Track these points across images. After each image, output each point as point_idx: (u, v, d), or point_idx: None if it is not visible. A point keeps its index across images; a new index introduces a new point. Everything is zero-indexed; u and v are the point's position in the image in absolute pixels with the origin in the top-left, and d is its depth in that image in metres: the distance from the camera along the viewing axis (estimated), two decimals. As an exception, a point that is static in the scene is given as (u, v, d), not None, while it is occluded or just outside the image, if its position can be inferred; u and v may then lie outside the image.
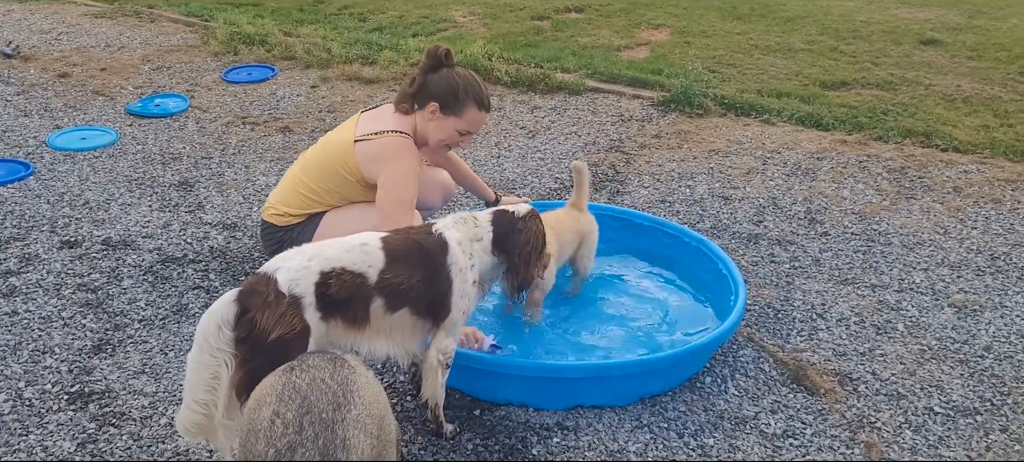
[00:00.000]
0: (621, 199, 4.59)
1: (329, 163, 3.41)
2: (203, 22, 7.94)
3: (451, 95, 3.35)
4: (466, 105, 3.36)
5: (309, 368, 1.86)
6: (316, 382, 1.81)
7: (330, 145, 3.48)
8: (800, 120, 5.67)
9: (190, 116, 5.77)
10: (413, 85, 3.45)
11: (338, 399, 1.78)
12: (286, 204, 3.46)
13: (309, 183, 3.44)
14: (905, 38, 7.38)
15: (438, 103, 3.35)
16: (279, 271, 2.43)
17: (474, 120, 3.42)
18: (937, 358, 3.31)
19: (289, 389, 1.79)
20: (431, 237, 2.71)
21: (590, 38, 7.48)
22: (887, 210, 4.47)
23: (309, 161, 3.52)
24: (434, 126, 3.40)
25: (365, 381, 1.88)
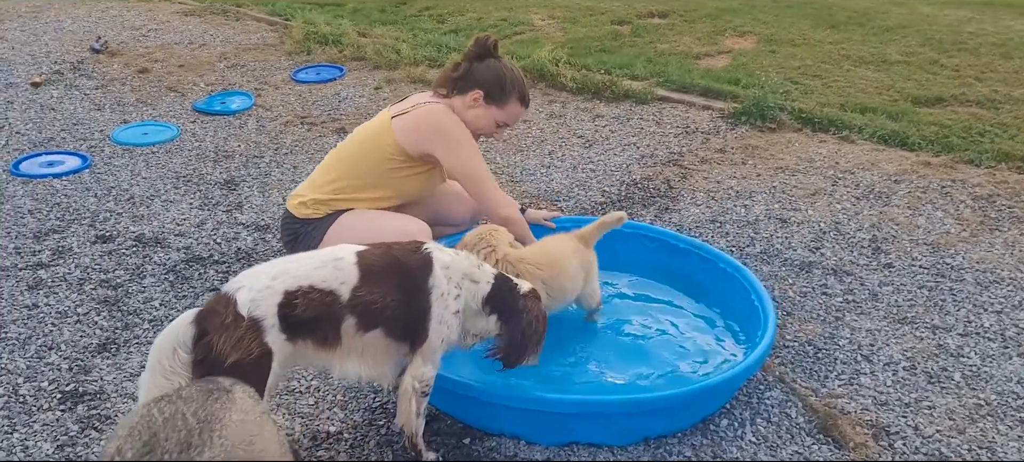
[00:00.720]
0: (669, 217, 4.31)
1: (365, 146, 3.36)
2: (284, 21, 8.05)
3: (498, 85, 3.35)
4: (511, 97, 3.38)
5: (177, 400, 1.71)
6: (174, 417, 1.66)
7: (364, 131, 3.44)
8: (883, 138, 5.23)
9: (252, 114, 5.81)
10: (458, 70, 3.41)
11: (190, 439, 1.63)
12: (313, 194, 3.38)
13: (340, 172, 3.37)
14: (1018, 51, 6.74)
15: (483, 91, 3.34)
16: (240, 291, 2.31)
17: (514, 113, 3.44)
18: (994, 415, 2.91)
19: (143, 424, 1.65)
20: (415, 255, 2.55)
21: (670, 44, 7.17)
22: (965, 242, 4.03)
23: (342, 151, 3.47)
24: (474, 114, 3.37)
25: (239, 417, 1.72)
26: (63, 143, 5.28)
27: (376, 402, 2.99)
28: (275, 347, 2.30)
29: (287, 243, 3.47)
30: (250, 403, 1.79)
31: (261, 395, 2.29)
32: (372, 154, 3.33)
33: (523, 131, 5.44)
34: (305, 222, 3.37)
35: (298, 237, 3.39)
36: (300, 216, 3.39)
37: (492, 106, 3.37)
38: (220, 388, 1.79)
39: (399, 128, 3.29)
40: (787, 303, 3.58)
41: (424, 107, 3.33)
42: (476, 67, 3.38)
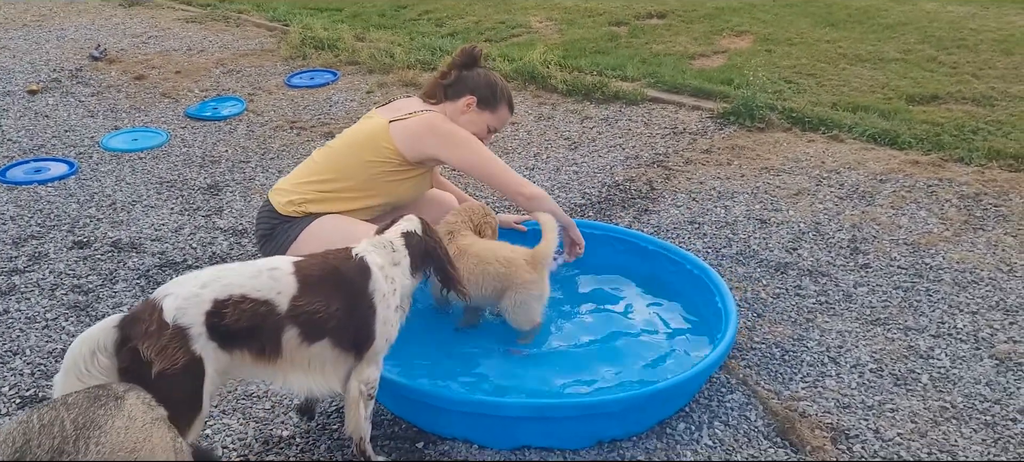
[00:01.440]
0: (648, 218, 4.28)
1: (361, 149, 3.30)
2: (283, 26, 8.10)
3: (490, 91, 3.42)
4: (501, 103, 3.45)
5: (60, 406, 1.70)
6: (52, 424, 1.65)
7: (357, 134, 3.38)
8: (872, 137, 5.16)
9: (243, 120, 5.84)
10: (447, 78, 3.45)
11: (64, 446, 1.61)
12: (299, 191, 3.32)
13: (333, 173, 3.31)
14: (1019, 48, 6.63)
15: (476, 97, 3.40)
16: (166, 298, 2.29)
17: (503, 118, 3.51)
18: (959, 418, 2.85)
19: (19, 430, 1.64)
20: (351, 262, 2.54)
21: (666, 45, 7.13)
22: (946, 242, 3.96)
23: (335, 152, 3.39)
24: (467, 119, 3.40)
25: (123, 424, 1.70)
26: (54, 150, 5.33)
27: (332, 406, 2.98)
28: (205, 356, 2.28)
29: (261, 236, 3.43)
30: (140, 409, 1.77)
31: (197, 406, 2.28)
32: (368, 157, 3.29)
33: (510, 133, 5.43)
34: (285, 219, 3.34)
35: (274, 232, 3.36)
36: (282, 212, 3.35)
37: (485, 111, 3.42)
38: (110, 394, 1.77)
39: (398, 133, 3.27)
40: (759, 305, 3.54)
41: (424, 115, 3.32)
42: (466, 75, 3.43)
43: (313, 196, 3.32)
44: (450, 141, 3.27)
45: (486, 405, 2.66)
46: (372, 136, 3.31)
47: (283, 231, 3.33)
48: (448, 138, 3.27)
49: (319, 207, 3.32)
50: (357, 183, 3.31)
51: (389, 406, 2.92)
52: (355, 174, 3.30)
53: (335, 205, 3.32)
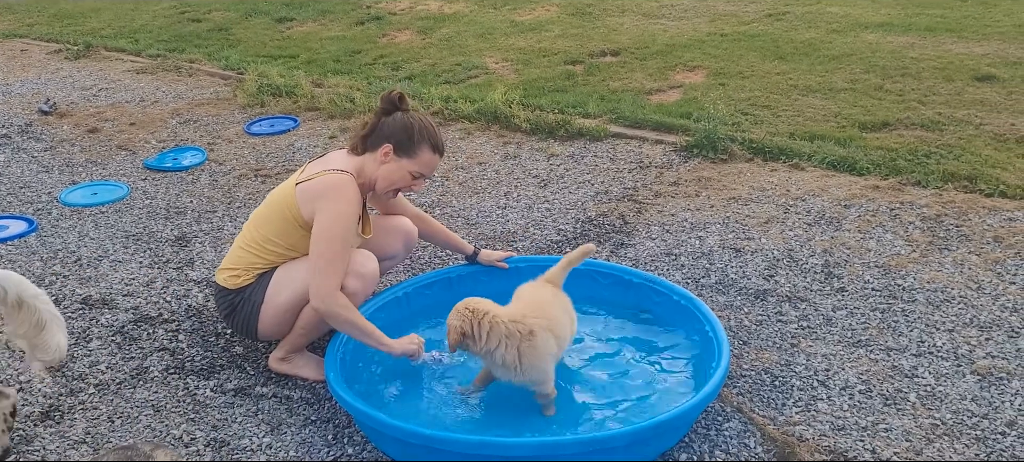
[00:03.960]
0: (624, 252, 4.32)
1: (274, 211, 3.30)
2: (238, 75, 8.02)
3: (406, 136, 3.28)
4: (420, 147, 3.29)
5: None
6: None
7: (274, 195, 3.37)
8: (832, 164, 5.30)
9: (205, 169, 5.75)
10: (366, 128, 3.36)
11: None
12: (235, 264, 3.32)
13: (256, 238, 3.31)
14: (958, 75, 6.90)
15: (392, 145, 3.28)
16: None
17: (427, 163, 3.33)
18: (951, 434, 2.92)
19: None
20: None
21: (622, 82, 7.25)
22: (915, 263, 4.08)
23: (256, 216, 3.41)
24: (387, 169, 3.30)
25: None
26: (9, 207, 5.18)
27: (330, 456, 2.93)
28: None
29: (226, 316, 3.39)
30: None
31: None
32: (282, 218, 3.25)
33: (478, 173, 5.45)
34: (238, 291, 3.30)
35: (235, 307, 3.32)
36: (232, 287, 3.31)
37: (403, 158, 3.29)
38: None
39: (301, 196, 3.21)
40: (743, 332, 3.59)
41: (327, 177, 3.20)
42: (384, 122, 3.31)
43: (255, 264, 3.30)
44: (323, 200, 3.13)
45: (494, 447, 2.63)
46: (282, 200, 3.29)
47: (244, 301, 3.29)
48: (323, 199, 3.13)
49: (266, 268, 3.29)
50: (288, 245, 3.28)
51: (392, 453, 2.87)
52: (278, 237, 3.28)
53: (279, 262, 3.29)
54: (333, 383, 2.93)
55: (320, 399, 3.25)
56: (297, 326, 3.25)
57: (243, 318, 3.29)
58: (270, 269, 3.27)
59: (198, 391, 3.31)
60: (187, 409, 3.20)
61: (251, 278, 3.27)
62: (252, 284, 3.26)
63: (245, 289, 3.27)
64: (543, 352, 2.91)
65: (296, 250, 3.28)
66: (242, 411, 3.18)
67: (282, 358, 3.36)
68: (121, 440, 3.02)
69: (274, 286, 3.23)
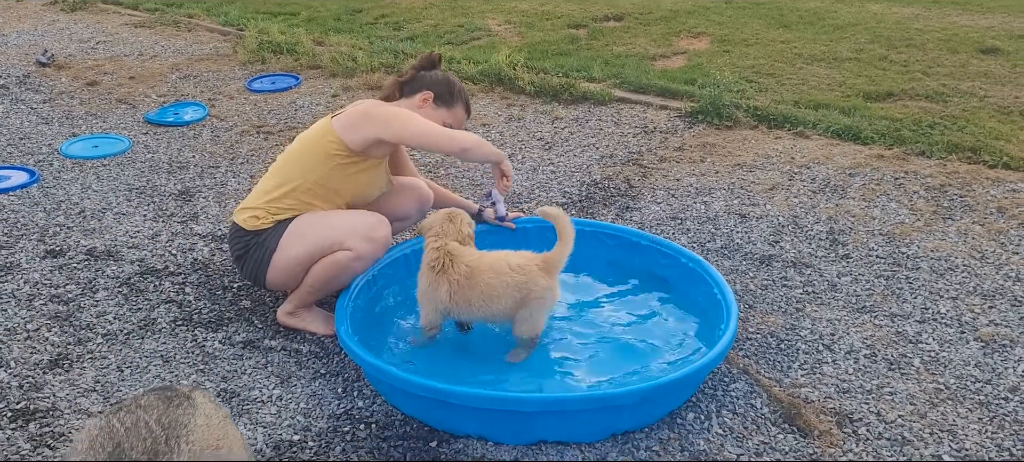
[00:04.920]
0: (630, 215, 4.32)
1: (305, 147, 3.34)
2: (238, 31, 7.95)
3: (447, 89, 3.53)
4: (458, 102, 3.56)
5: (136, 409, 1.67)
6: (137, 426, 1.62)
7: (305, 135, 3.42)
8: (837, 133, 5.30)
9: (206, 125, 5.72)
10: (405, 76, 3.56)
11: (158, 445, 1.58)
12: (260, 204, 3.31)
13: (285, 176, 3.31)
14: (963, 46, 6.90)
15: (433, 93, 3.49)
16: None
17: (460, 118, 3.57)
18: (954, 399, 2.96)
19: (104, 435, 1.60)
20: None
21: (626, 47, 7.22)
22: (920, 231, 4.10)
23: (285, 157, 3.44)
24: (423, 114, 3.42)
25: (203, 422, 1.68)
26: (10, 158, 5.14)
27: (340, 408, 2.94)
28: None
29: (237, 257, 3.39)
30: (211, 407, 1.75)
31: None
32: (315, 154, 3.30)
33: (483, 135, 5.42)
34: (256, 234, 3.30)
35: (249, 249, 3.32)
36: (250, 228, 3.30)
37: (442, 108, 3.50)
38: (180, 394, 1.74)
39: (339, 125, 3.29)
40: (748, 296, 3.61)
41: (362, 103, 3.37)
42: (424, 74, 3.53)
43: (277, 209, 3.29)
44: (384, 120, 3.26)
45: (504, 401, 2.66)
46: (318, 135, 3.34)
47: (258, 245, 3.28)
48: (382, 117, 3.27)
49: (285, 215, 3.29)
50: (314, 183, 3.29)
51: (401, 406, 2.89)
52: (309, 174, 3.30)
53: (299, 211, 3.29)
54: (344, 337, 2.94)
55: (329, 353, 3.26)
56: (306, 283, 3.25)
57: (254, 263, 3.28)
58: (289, 218, 3.26)
59: (207, 343, 3.31)
60: (196, 360, 3.21)
61: (269, 223, 3.26)
62: (269, 230, 3.26)
63: (262, 233, 3.26)
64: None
65: (326, 185, 3.29)
66: (251, 363, 3.19)
67: (291, 312, 3.36)
68: (132, 389, 3.03)
69: (289, 236, 3.22)
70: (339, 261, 3.17)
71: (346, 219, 3.26)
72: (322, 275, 3.20)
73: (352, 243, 3.16)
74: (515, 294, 3.03)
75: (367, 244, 3.19)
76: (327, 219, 3.26)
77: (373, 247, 3.22)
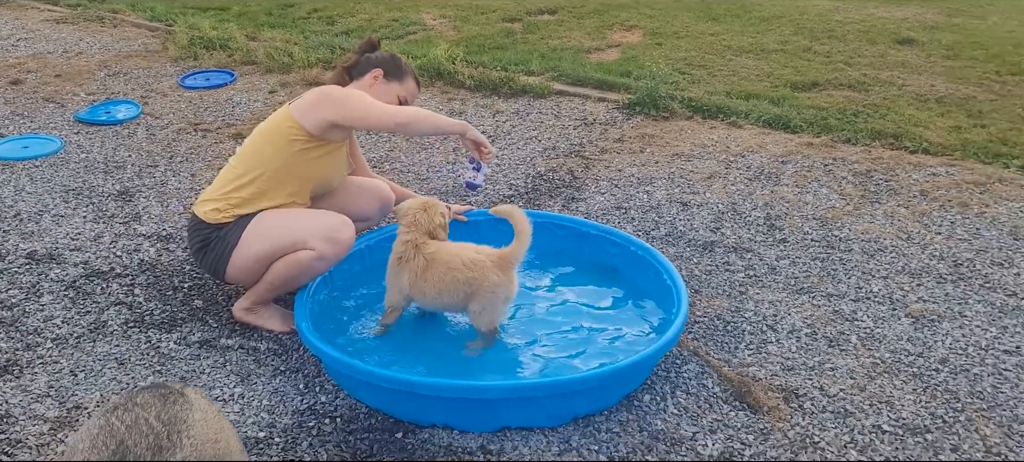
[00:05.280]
0: (576, 206, 4.42)
1: (266, 136, 3.35)
2: (166, 26, 7.78)
3: (394, 64, 3.61)
4: (408, 75, 3.64)
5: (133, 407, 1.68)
6: (138, 423, 1.63)
7: (264, 125, 3.43)
8: (768, 122, 5.51)
9: (141, 123, 5.61)
10: (350, 61, 3.62)
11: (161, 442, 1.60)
12: (222, 197, 3.30)
13: (246, 167, 3.31)
14: (881, 37, 7.23)
15: (382, 70, 3.57)
16: None
17: (412, 91, 3.67)
18: (890, 372, 3.14)
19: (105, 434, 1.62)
20: None
21: (561, 40, 7.33)
22: (850, 215, 4.30)
23: (244, 148, 3.42)
24: (375, 92, 3.49)
25: (201, 417, 1.70)
26: (-66, 161, 4.96)
27: (304, 404, 2.96)
28: None
29: (196, 251, 3.37)
30: (205, 403, 1.77)
31: None
32: (275, 141, 3.31)
33: (425, 129, 5.45)
34: (216, 227, 3.29)
35: (209, 243, 3.30)
36: (210, 221, 3.29)
37: (393, 82, 3.58)
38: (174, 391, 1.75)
39: (296, 110, 3.31)
40: (694, 281, 3.74)
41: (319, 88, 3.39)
42: (368, 56, 3.62)
43: (238, 200, 3.29)
44: (339, 101, 3.28)
45: (470, 390, 2.72)
46: (277, 122, 3.36)
47: (219, 239, 3.27)
48: (338, 99, 3.29)
49: (247, 208, 3.29)
50: (274, 171, 3.30)
51: (366, 399, 2.93)
52: (271, 162, 3.30)
53: (262, 202, 3.30)
54: (307, 333, 2.96)
55: (287, 350, 3.27)
56: (265, 279, 3.25)
57: (214, 257, 3.26)
58: (251, 212, 3.25)
59: (161, 344, 3.28)
60: (152, 361, 3.18)
61: (231, 217, 3.25)
62: (230, 224, 3.24)
63: (222, 227, 3.25)
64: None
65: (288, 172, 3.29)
66: (209, 362, 3.18)
67: (247, 308, 3.36)
68: (88, 393, 2.99)
69: (250, 233, 3.21)
70: (301, 260, 3.17)
71: (310, 219, 3.27)
72: (283, 273, 3.21)
73: (315, 243, 3.16)
74: (464, 289, 3.10)
75: (330, 245, 3.19)
76: (290, 217, 3.26)
77: (336, 248, 3.22)
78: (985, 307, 3.51)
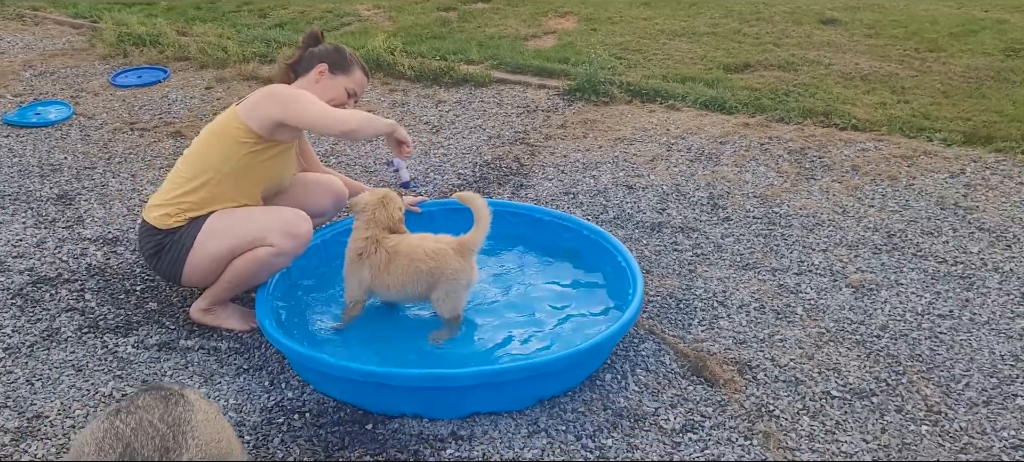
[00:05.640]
0: (525, 193, 4.50)
1: (212, 137, 3.29)
2: (91, 24, 7.57)
3: (339, 57, 3.54)
4: (354, 67, 3.57)
5: (136, 410, 1.69)
6: (142, 425, 1.65)
7: (211, 126, 3.37)
8: (705, 104, 5.67)
9: (74, 124, 5.46)
10: (293, 57, 3.57)
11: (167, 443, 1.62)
12: (172, 201, 3.25)
13: (195, 169, 3.26)
14: (806, 18, 7.47)
15: (327, 63, 3.50)
16: None
17: (360, 82, 3.60)
18: (835, 340, 3.30)
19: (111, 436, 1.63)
20: None
21: (497, 28, 7.37)
22: (788, 192, 4.48)
23: (192, 150, 3.37)
24: (322, 87, 3.46)
25: (203, 418, 1.72)
26: None
27: (271, 401, 2.97)
28: None
29: (149, 257, 3.32)
30: (205, 404, 1.78)
31: None
32: (222, 143, 3.27)
33: (368, 121, 5.45)
34: (169, 232, 3.24)
35: (163, 248, 3.26)
36: (162, 226, 3.25)
37: (340, 75, 3.52)
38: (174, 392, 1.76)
39: (243, 111, 3.26)
40: (644, 261, 3.85)
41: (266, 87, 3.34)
42: (313, 50, 3.56)
43: (189, 204, 3.25)
44: (284, 102, 3.22)
45: (439, 378, 2.77)
46: (224, 123, 3.31)
47: (173, 243, 3.24)
48: (283, 99, 3.23)
49: (199, 211, 3.26)
50: (224, 175, 3.26)
51: (333, 392, 2.95)
52: (221, 165, 3.26)
53: (213, 205, 3.27)
54: (271, 330, 2.97)
55: (248, 348, 3.26)
56: (224, 279, 3.23)
57: (169, 261, 3.23)
58: (203, 214, 3.22)
59: (119, 349, 3.24)
60: (111, 367, 3.14)
61: (183, 221, 3.21)
62: (183, 227, 3.21)
63: (175, 231, 3.21)
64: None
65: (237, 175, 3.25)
66: (170, 365, 3.16)
67: (205, 309, 3.34)
68: (48, 401, 2.94)
69: (205, 234, 3.18)
70: (260, 257, 3.17)
71: (266, 215, 3.26)
72: (242, 271, 3.19)
73: (274, 239, 3.16)
74: (427, 279, 3.16)
75: (289, 240, 3.19)
76: (245, 215, 3.25)
77: (295, 243, 3.21)
78: (919, 275, 3.71)
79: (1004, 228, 4.06)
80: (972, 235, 4.02)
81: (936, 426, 2.85)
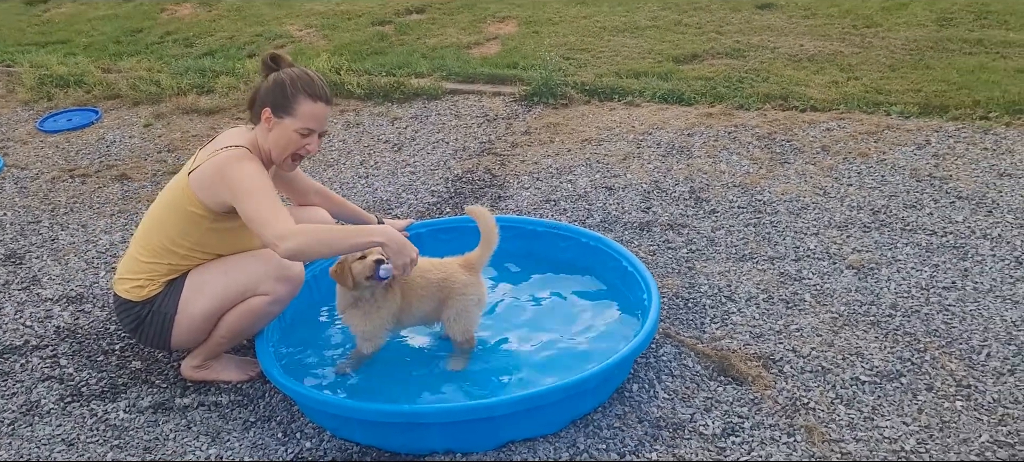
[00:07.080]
0: (505, 204, 4.38)
1: (170, 210, 2.96)
2: (6, 68, 7.10)
3: (280, 94, 2.96)
4: (296, 100, 2.95)
5: None
6: None
7: (167, 193, 3.05)
8: (663, 98, 5.65)
9: (7, 177, 5.10)
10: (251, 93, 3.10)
11: None
12: (137, 273, 2.99)
13: (155, 243, 2.97)
14: (742, 4, 7.55)
15: (270, 107, 2.97)
16: None
17: (309, 114, 2.97)
18: (850, 324, 3.28)
19: None
20: None
21: (437, 38, 7.23)
22: (766, 178, 4.47)
23: (150, 217, 3.06)
24: (274, 136, 2.99)
25: None
26: None
27: (289, 454, 2.77)
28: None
29: (132, 330, 3.05)
30: None
31: None
32: (178, 217, 2.96)
33: (326, 147, 5.25)
34: (146, 302, 2.98)
35: (144, 319, 2.98)
36: (137, 299, 2.99)
37: (285, 118, 2.96)
38: None
39: (195, 184, 2.93)
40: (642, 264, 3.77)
41: (217, 157, 2.93)
42: (262, 87, 3.07)
43: (163, 270, 2.99)
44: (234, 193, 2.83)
45: (472, 410, 2.63)
46: (177, 196, 2.98)
47: (154, 313, 2.98)
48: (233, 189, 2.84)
49: (175, 274, 3.00)
50: (190, 249, 2.99)
51: (357, 437, 2.78)
52: (182, 239, 2.97)
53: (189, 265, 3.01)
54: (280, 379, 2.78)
55: (251, 399, 3.05)
56: (217, 335, 3.00)
57: (154, 330, 2.98)
58: (180, 275, 2.98)
59: (109, 416, 3.00)
60: (106, 437, 2.89)
61: (159, 287, 2.95)
62: (161, 293, 2.95)
63: (153, 300, 2.95)
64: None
65: (203, 249, 2.99)
66: (170, 427, 2.93)
67: (198, 365, 3.11)
68: (43, 485, 2.69)
69: (187, 294, 2.93)
70: (254, 308, 2.94)
71: (253, 262, 2.99)
72: (236, 325, 2.96)
73: (266, 286, 2.93)
74: (437, 293, 3.06)
75: (283, 285, 2.96)
76: (230, 265, 2.99)
77: (289, 287, 2.99)
78: (914, 249, 3.74)
79: (982, 195, 4.14)
80: (953, 204, 4.08)
81: (969, 400, 2.85)
